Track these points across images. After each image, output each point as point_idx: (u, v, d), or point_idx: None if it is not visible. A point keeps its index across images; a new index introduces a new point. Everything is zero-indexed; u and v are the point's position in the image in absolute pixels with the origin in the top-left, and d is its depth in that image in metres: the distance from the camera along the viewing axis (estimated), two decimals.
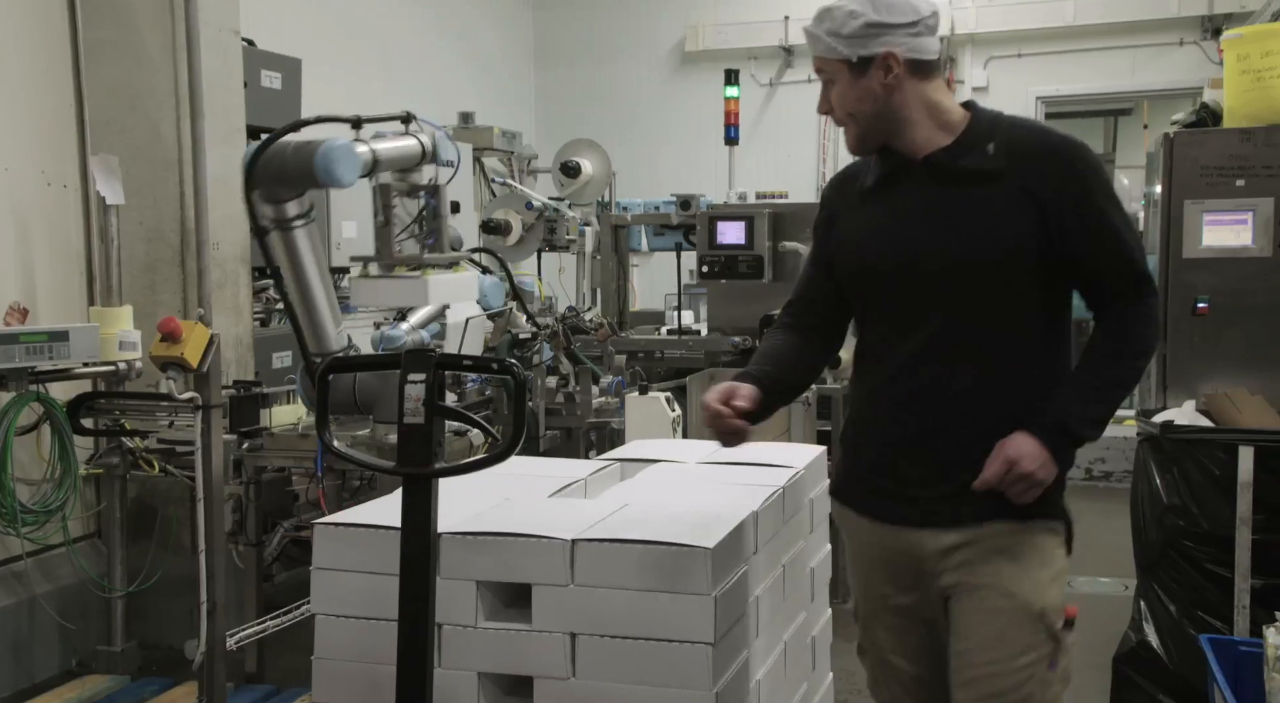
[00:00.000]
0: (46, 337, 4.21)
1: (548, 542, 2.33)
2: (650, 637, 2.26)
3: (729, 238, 6.08)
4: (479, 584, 2.37)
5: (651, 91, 9.73)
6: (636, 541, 2.30)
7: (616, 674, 2.28)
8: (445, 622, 2.35)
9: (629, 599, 2.28)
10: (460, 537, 2.38)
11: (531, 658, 2.34)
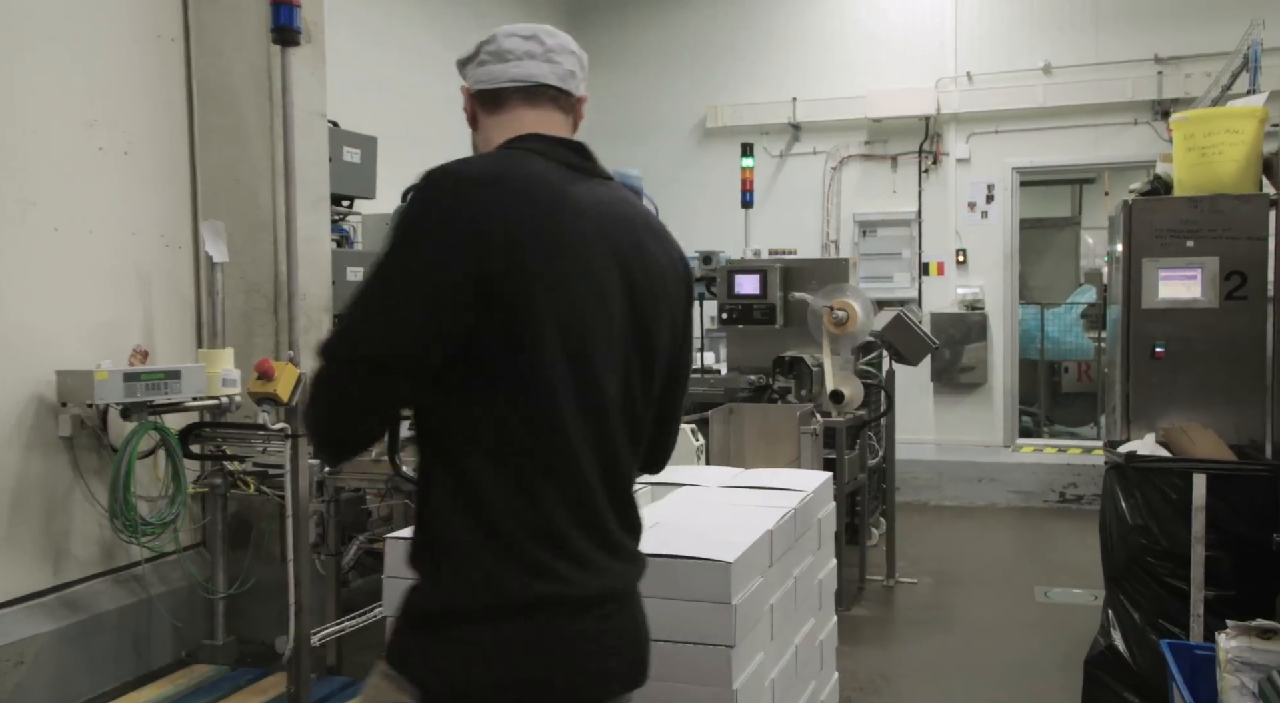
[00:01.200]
0: (163, 375, 4.28)
1: None
2: (678, 640, 2.27)
3: (745, 289, 6.12)
4: None
5: (678, 162, 9.81)
6: (665, 555, 2.31)
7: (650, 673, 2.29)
8: None
9: (660, 606, 2.22)
10: None
11: None
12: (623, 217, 1.76)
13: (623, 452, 1.74)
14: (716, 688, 2.25)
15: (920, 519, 7.79)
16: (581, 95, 1.91)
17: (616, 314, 1.68)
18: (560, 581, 1.61)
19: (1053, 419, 10.57)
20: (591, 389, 1.65)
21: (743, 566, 2.34)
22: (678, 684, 2.27)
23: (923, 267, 9.23)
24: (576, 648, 1.65)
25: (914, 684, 4.59)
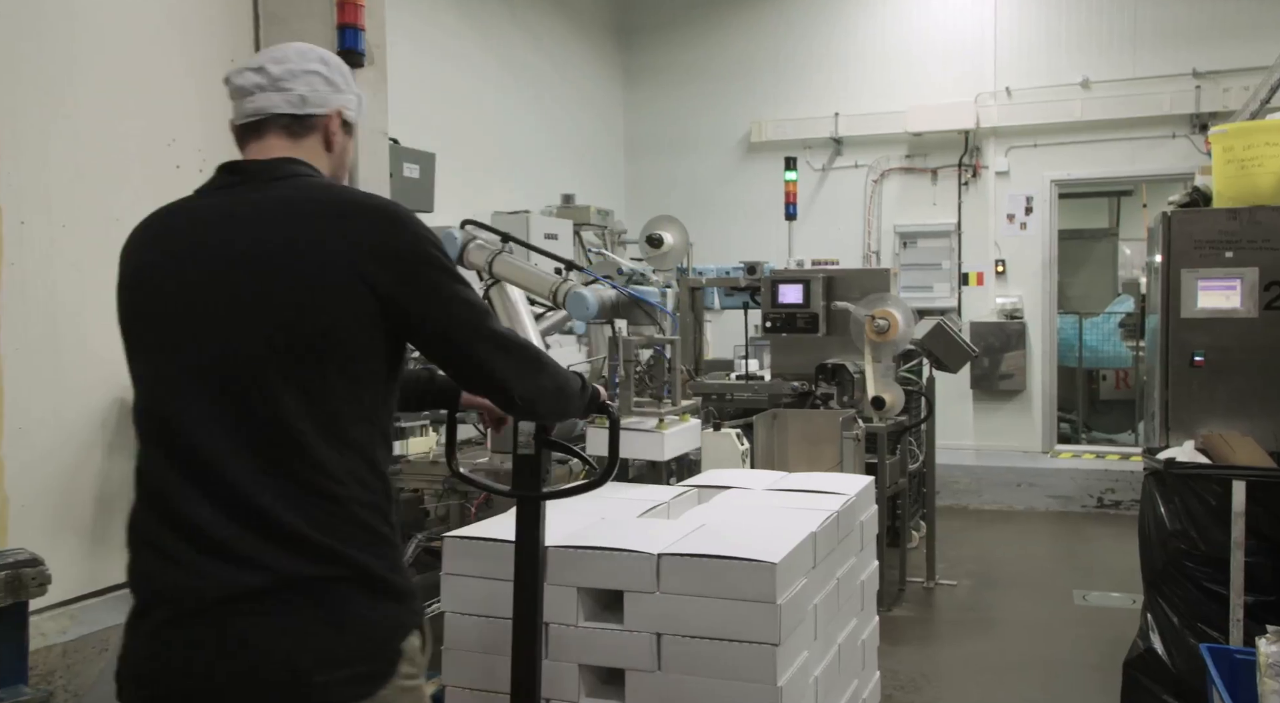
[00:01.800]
0: None
1: (638, 555, 2.35)
2: (725, 638, 2.26)
3: (789, 298, 6.11)
4: (579, 590, 2.40)
5: (723, 176, 9.82)
6: (713, 555, 2.31)
7: (696, 669, 2.28)
8: (551, 621, 2.38)
9: (707, 605, 2.28)
10: (564, 550, 2.41)
11: (623, 654, 2.35)
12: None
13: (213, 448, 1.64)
14: (762, 685, 2.23)
15: (960, 523, 7.71)
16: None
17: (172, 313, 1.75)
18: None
19: (1091, 426, 10.42)
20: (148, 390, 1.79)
21: (787, 567, 2.32)
22: (724, 681, 2.26)
23: (962, 277, 9.15)
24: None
25: (954, 684, 4.55)
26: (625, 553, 2.36)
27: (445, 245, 3.97)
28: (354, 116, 1.91)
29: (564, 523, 2.57)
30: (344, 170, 1.95)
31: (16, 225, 3.86)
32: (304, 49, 1.87)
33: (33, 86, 3.98)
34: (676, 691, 2.30)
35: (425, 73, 7.11)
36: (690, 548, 2.35)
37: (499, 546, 2.44)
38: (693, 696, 2.29)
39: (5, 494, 3.82)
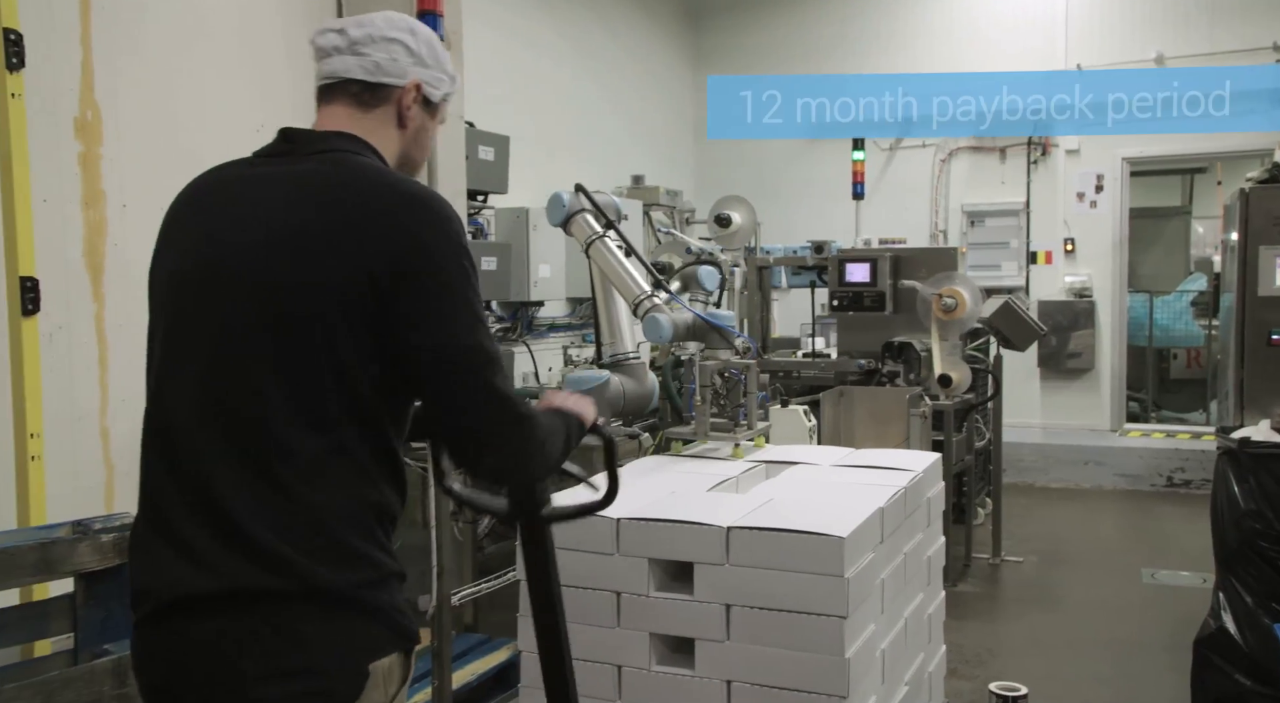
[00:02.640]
0: None
1: (707, 528, 2.33)
2: (793, 609, 2.25)
3: (856, 277, 6.03)
4: (650, 561, 2.39)
5: (790, 156, 9.71)
6: (782, 529, 2.29)
7: (764, 640, 2.27)
8: (623, 591, 2.39)
9: (776, 578, 2.27)
10: (636, 522, 2.40)
11: (693, 624, 2.35)
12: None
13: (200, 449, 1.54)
14: (830, 656, 2.21)
15: (1026, 501, 7.58)
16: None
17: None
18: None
19: (1160, 405, 10.15)
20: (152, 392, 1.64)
21: (855, 541, 2.30)
22: (793, 652, 2.25)
23: (1030, 255, 8.95)
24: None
25: (1019, 658, 4.48)
26: (695, 526, 2.35)
27: (551, 207, 3.99)
28: (437, 95, 1.73)
29: (635, 496, 2.56)
30: (421, 152, 1.77)
31: (119, 209, 3.97)
32: (394, 17, 1.71)
33: (135, 77, 4.08)
34: (745, 660, 2.29)
35: (500, 56, 7.13)
36: (759, 522, 2.33)
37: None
38: (761, 665, 2.28)
39: (111, 462, 3.95)
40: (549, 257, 6.88)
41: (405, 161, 1.74)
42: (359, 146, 1.65)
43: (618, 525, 2.41)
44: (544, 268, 6.83)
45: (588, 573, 2.43)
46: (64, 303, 3.74)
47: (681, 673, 2.35)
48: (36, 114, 3.37)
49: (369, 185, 1.56)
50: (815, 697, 2.24)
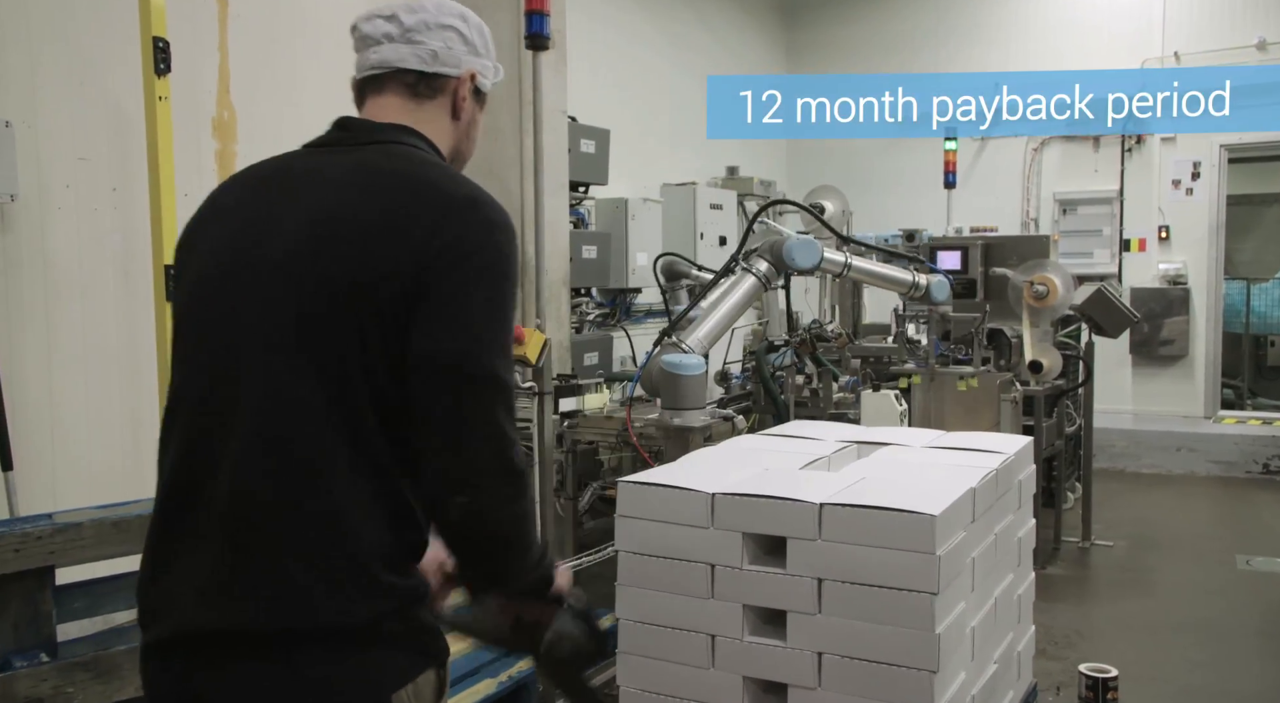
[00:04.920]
0: None
1: (800, 504, 2.30)
2: (885, 585, 2.21)
3: (947, 264, 5.93)
4: (744, 536, 2.36)
5: (881, 147, 9.53)
6: (874, 506, 2.24)
7: (855, 614, 2.23)
8: (717, 563, 2.37)
9: (867, 554, 2.23)
10: (731, 497, 2.38)
11: (785, 597, 2.31)
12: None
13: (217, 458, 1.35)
14: (920, 631, 2.18)
15: (1116, 486, 7.34)
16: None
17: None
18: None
19: (1256, 392, 9.71)
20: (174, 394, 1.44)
21: (946, 519, 2.23)
22: (884, 627, 2.22)
23: (1124, 243, 8.64)
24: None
25: (1109, 641, 4.36)
26: (788, 502, 2.32)
27: (806, 251, 4.10)
28: (488, 85, 1.59)
29: (729, 473, 2.56)
30: (471, 145, 1.61)
31: None
32: (444, 3, 1.54)
33: (267, 81, 4.22)
34: (837, 633, 2.26)
35: (601, 50, 7.16)
36: (851, 498, 2.29)
37: (667, 491, 2.46)
38: (853, 638, 2.25)
39: None
40: (646, 245, 6.92)
41: (456, 155, 1.59)
42: (416, 139, 1.49)
43: (712, 501, 2.39)
44: (641, 256, 6.87)
45: (684, 545, 2.42)
46: None
47: (774, 644, 2.33)
48: (179, 115, 3.52)
49: (426, 180, 1.41)
50: (906, 671, 2.20)
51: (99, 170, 3.55)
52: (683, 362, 3.78)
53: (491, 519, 1.36)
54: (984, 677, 2.57)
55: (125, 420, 3.60)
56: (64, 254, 3.48)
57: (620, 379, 5.43)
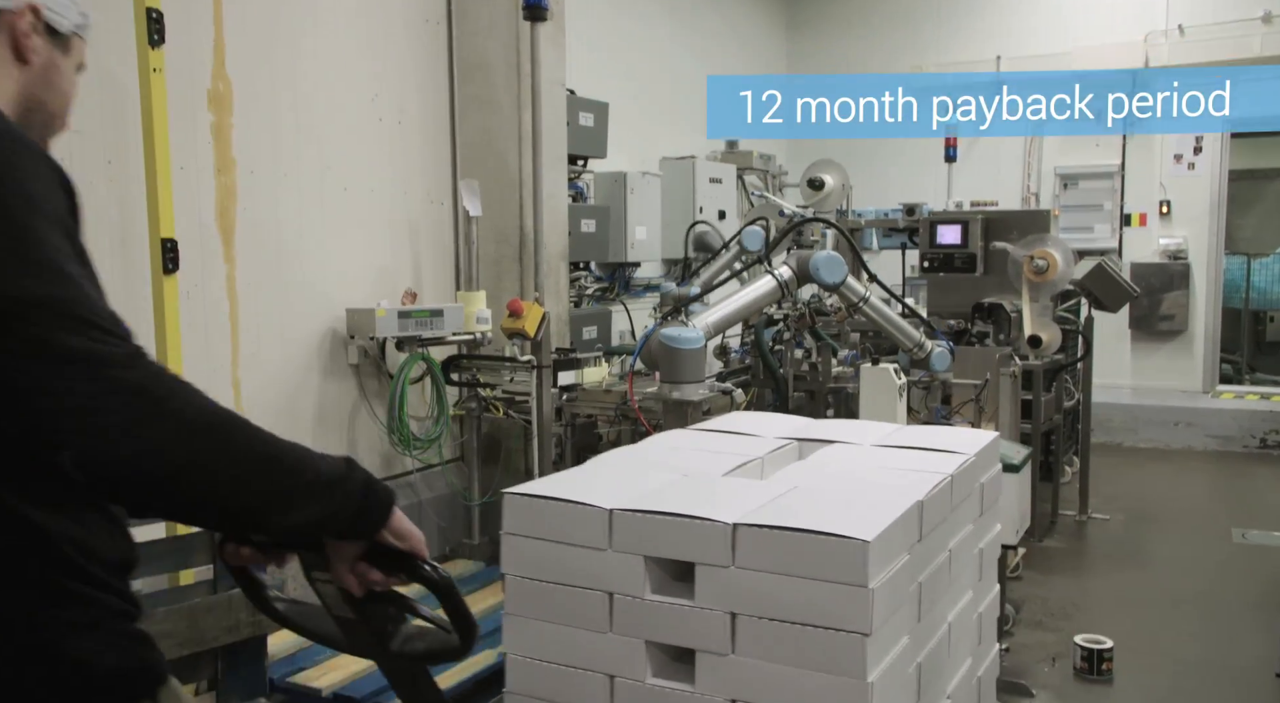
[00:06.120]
0: (429, 313, 4.54)
1: (710, 524, 1.95)
2: (808, 623, 1.86)
3: (947, 239, 5.90)
4: (647, 559, 2.00)
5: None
6: (797, 528, 1.88)
7: (774, 655, 1.89)
8: (616, 592, 2.02)
9: (789, 585, 1.88)
10: (631, 514, 2.01)
11: (694, 632, 1.97)
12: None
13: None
14: (850, 678, 1.83)
15: (1114, 460, 7.36)
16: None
17: None
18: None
19: (1255, 367, 9.71)
20: None
21: (884, 544, 1.89)
22: (807, 672, 1.87)
23: (1124, 218, 8.61)
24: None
25: (1105, 612, 4.38)
26: (696, 521, 1.96)
27: (833, 268, 4.08)
28: (65, 24, 1.33)
29: (639, 482, 2.21)
30: (57, 97, 1.34)
31: (247, 175, 4.10)
32: None
33: (262, 52, 4.19)
34: (752, 676, 1.91)
35: (598, 23, 7.10)
36: (772, 518, 1.93)
37: (559, 505, 2.09)
38: (770, 684, 1.90)
39: (243, 409, 4.10)
40: (645, 219, 6.89)
41: (34, 106, 1.31)
42: None
43: (610, 518, 2.03)
44: (640, 230, 6.84)
45: (579, 569, 2.06)
46: (199, 264, 3.89)
47: (681, 688, 1.98)
48: (174, 86, 3.49)
49: None
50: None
51: (93, 143, 3.52)
52: (682, 335, 3.77)
53: (155, 454, 1.05)
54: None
55: None
56: None
57: (619, 353, 5.42)
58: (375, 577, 1.22)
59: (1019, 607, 4.34)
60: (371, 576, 1.22)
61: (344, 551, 1.21)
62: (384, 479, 4.82)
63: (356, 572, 1.22)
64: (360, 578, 1.22)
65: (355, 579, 1.23)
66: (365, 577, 1.22)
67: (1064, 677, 3.74)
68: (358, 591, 1.23)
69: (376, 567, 1.22)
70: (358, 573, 1.22)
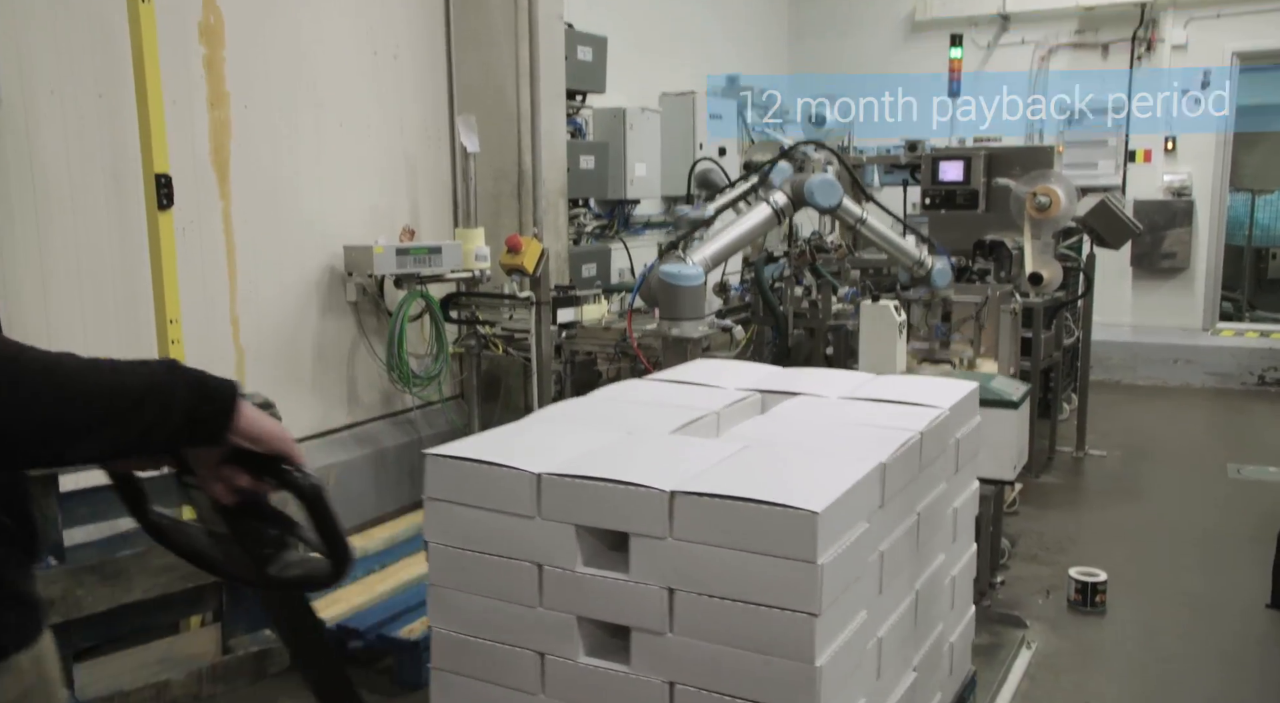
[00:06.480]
0: (427, 251, 4.51)
1: (646, 492, 1.76)
2: (752, 601, 1.69)
3: (949, 175, 5.85)
4: (578, 529, 1.83)
5: (885, 54, 9.32)
6: (739, 497, 1.69)
7: (715, 636, 1.73)
8: (546, 564, 1.86)
9: (730, 559, 1.70)
10: (561, 479, 1.84)
11: (629, 609, 1.80)
12: None
13: None
14: (795, 662, 1.67)
15: (1112, 398, 7.38)
16: None
17: None
18: None
19: (1255, 305, 9.69)
20: None
21: (837, 514, 1.71)
22: (749, 653, 1.70)
23: (1129, 154, 8.51)
24: None
25: (1100, 546, 4.43)
26: (631, 488, 1.77)
27: (828, 191, 4.02)
28: None
29: (578, 441, 2.04)
30: None
31: (241, 109, 4.04)
32: None
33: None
34: (691, 658, 1.75)
35: None
36: (713, 485, 1.74)
37: (485, 468, 1.91)
38: (711, 666, 1.74)
39: (241, 347, 4.12)
40: (645, 156, 6.81)
41: None
42: None
43: (538, 483, 1.85)
44: (640, 167, 6.77)
45: (504, 539, 1.89)
46: (194, 200, 3.86)
47: (615, 669, 1.82)
48: (164, 19, 3.42)
49: None
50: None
51: (83, 77, 3.47)
52: (681, 272, 3.75)
53: None
54: (898, 691, 2.11)
55: (122, 328, 3.59)
56: (52, 164, 3.42)
57: (618, 291, 5.40)
58: (242, 481, 1.08)
59: (1015, 541, 4.38)
60: (238, 479, 1.08)
61: (202, 455, 1.07)
62: (383, 417, 4.82)
63: (222, 476, 1.08)
64: (227, 483, 1.08)
65: (223, 486, 1.08)
66: (232, 481, 1.08)
67: (1058, 609, 3.79)
68: (226, 498, 1.09)
69: (243, 469, 1.08)
70: (224, 478, 1.08)
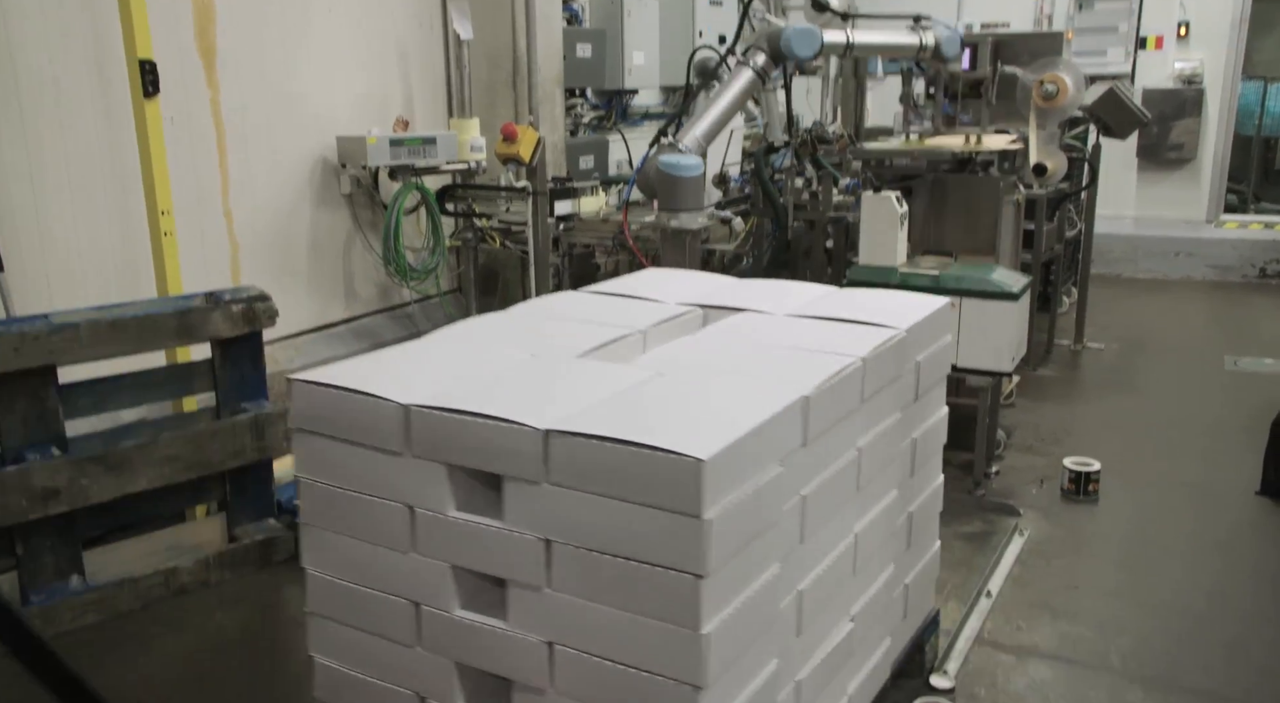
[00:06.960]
0: (421, 141, 4.43)
1: (518, 429, 1.56)
2: (633, 557, 1.51)
3: None
4: (450, 468, 1.65)
5: None
6: (619, 440, 1.49)
7: (595, 594, 1.56)
8: (417, 506, 1.70)
9: (611, 509, 1.51)
10: (429, 412, 1.64)
11: (505, 560, 1.63)
12: None
13: None
14: (678, 627, 1.49)
15: (1112, 291, 7.36)
16: None
17: None
18: None
19: (1260, 197, 9.58)
20: None
21: (734, 461, 1.50)
22: (633, 616, 1.53)
23: (1140, 40, 8.28)
24: None
25: (1096, 437, 4.47)
26: (503, 424, 1.57)
27: (806, 40, 3.89)
28: None
29: (470, 366, 1.85)
30: None
31: None
32: None
33: None
34: (570, 617, 1.59)
35: None
36: (594, 424, 1.53)
37: (351, 397, 1.71)
38: (591, 627, 1.58)
39: (235, 240, 4.07)
40: (643, 44, 6.62)
41: None
42: None
43: (407, 415, 1.66)
44: (638, 55, 6.59)
45: (374, 477, 1.72)
46: (181, 89, 3.76)
47: (492, 624, 1.67)
48: None
49: None
50: (663, 682, 1.52)
51: None
52: (680, 162, 3.68)
53: None
54: (825, 645, 1.95)
55: (113, 220, 3.54)
56: (32, 52, 3.31)
57: (616, 182, 5.33)
58: None
59: (1010, 432, 4.42)
60: None
61: None
62: (381, 311, 4.83)
63: None
64: None
65: None
66: None
67: (1051, 498, 3.85)
68: None
69: None
70: None
